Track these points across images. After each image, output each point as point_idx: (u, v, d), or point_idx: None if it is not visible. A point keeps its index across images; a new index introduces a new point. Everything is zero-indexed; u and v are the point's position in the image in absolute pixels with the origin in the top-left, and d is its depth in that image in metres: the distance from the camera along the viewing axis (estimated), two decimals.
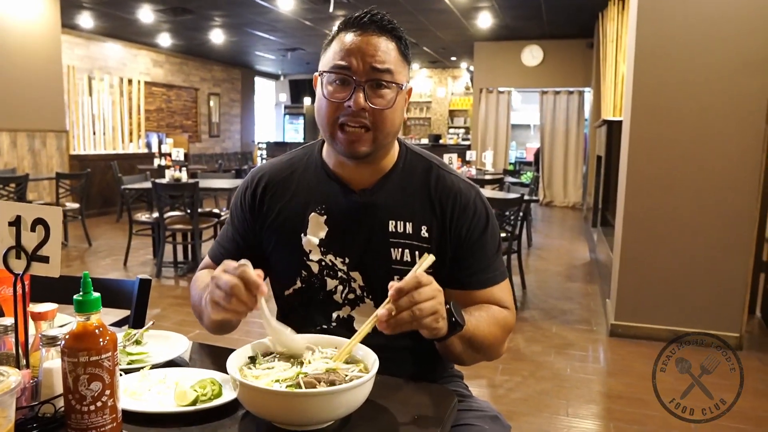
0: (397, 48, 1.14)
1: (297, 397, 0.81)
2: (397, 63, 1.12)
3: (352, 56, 1.09)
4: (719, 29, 3.25)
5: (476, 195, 1.21)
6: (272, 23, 8.70)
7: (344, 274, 1.18)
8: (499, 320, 1.15)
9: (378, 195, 1.18)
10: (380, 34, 1.12)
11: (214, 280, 0.96)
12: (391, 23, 1.15)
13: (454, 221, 1.17)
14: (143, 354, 1.10)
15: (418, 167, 1.23)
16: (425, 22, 8.47)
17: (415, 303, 0.92)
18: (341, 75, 1.10)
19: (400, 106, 1.15)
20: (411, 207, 1.18)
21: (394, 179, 1.20)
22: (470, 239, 1.18)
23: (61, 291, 1.20)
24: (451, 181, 1.21)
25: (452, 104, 14.52)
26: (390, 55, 1.11)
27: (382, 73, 1.10)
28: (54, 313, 0.93)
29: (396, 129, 1.15)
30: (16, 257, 0.89)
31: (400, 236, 1.17)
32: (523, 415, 2.61)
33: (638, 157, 3.49)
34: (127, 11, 7.92)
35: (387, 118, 1.11)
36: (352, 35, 1.12)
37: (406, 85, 1.16)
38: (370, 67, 1.09)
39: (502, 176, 6.84)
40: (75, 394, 0.78)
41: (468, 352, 1.09)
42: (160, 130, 11.18)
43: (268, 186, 1.24)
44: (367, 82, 1.09)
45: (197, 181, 4.97)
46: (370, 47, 1.10)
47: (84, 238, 6.30)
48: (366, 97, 1.09)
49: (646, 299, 3.54)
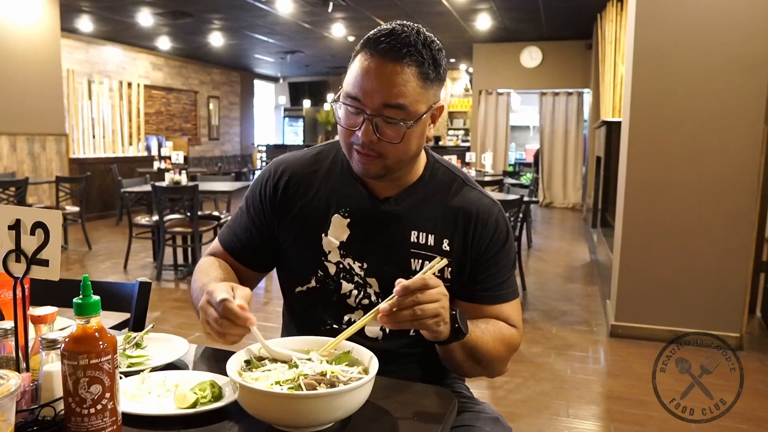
0: (419, 74, 1.05)
1: (297, 398, 0.82)
2: (415, 93, 1.05)
3: (365, 87, 1.04)
4: (717, 30, 3.26)
5: (498, 212, 1.20)
6: (271, 26, 8.71)
7: (360, 279, 1.17)
8: (505, 337, 1.15)
9: (402, 205, 1.18)
10: (397, 62, 1.03)
11: (203, 313, 0.97)
12: (412, 47, 1.04)
13: (476, 236, 1.17)
14: (143, 357, 1.10)
15: (444, 180, 1.21)
16: (424, 24, 8.44)
17: (418, 303, 0.93)
18: (352, 104, 1.07)
19: (417, 133, 1.09)
20: (434, 219, 1.17)
21: (418, 191, 1.19)
22: (488, 255, 1.17)
23: (61, 294, 1.21)
24: (475, 197, 1.20)
25: (451, 106, 14.54)
26: (407, 87, 1.04)
27: (393, 110, 1.04)
28: (54, 317, 0.93)
29: (412, 154, 1.12)
30: (16, 261, 0.89)
31: (421, 247, 1.16)
32: (523, 416, 2.61)
33: (637, 158, 3.49)
34: (127, 15, 7.94)
35: (397, 149, 1.08)
36: (368, 61, 1.05)
37: (432, 106, 1.10)
38: (382, 103, 1.04)
39: (502, 177, 6.84)
40: (75, 397, 0.78)
41: (469, 363, 1.09)
42: (160, 133, 11.19)
43: (291, 180, 1.22)
44: (376, 116, 1.05)
45: (197, 184, 4.97)
46: (383, 80, 1.03)
47: (84, 242, 6.30)
48: (375, 130, 1.05)
49: (646, 300, 3.54)
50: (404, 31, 1.05)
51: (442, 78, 1.10)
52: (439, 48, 1.09)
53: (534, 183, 6.68)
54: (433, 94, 1.10)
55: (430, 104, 1.09)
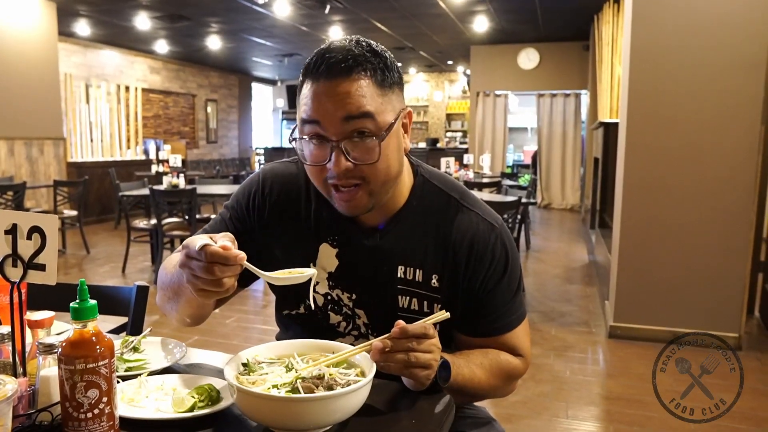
0: (373, 81, 0.97)
1: (295, 402, 0.82)
2: (376, 99, 0.96)
3: (320, 110, 0.96)
4: (714, 31, 3.27)
5: (496, 238, 1.09)
6: (269, 29, 8.71)
7: (349, 310, 1.12)
8: (504, 370, 1.10)
9: (387, 238, 1.09)
10: (347, 76, 0.95)
11: (187, 270, 0.88)
12: (357, 57, 0.96)
13: (470, 271, 1.08)
14: (141, 361, 1.10)
15: (435, 203, 1.11)
16: (421, 26, 8.50)
17: (412, 350, 0.90)
18: (314, 133, 0.98)
19: (392, 147, 1.00)
20: (423, 252, 1.09)
21: (405, 219, 1.10)
22: (485, 289, 1.09)
23: (58, 299, 1.21)
24: (470, 222, 1.09)
25: (449, 108, 14.55)
26: (365, 95, 0.95)
27: (360, 120, 0.95)
28: (51, 321, 0.93)
29: (395, 172, 1.03)
30: (13, 266, 0.89)
31: (408, 284, 1.09)
32: (522, 418, 2.61)
33: (635, 159, 3.50)
34: (124, 19, 7.94)
35: (379, 168, 0.98)
36: (317, 86, 0.96)
37: (400, 113, 1.01)
38: (344, 117, 0.95)
39: (500, 179, 6.84)
40: (72, 401, 0.78)
41: (458, 396, 1.03)
42: (158, 136, 11.18)
43: (281, 197, 1.14)
44: (343, 139, 0.96)
45: (195, 188, 4.97)
46: (338, 97, 0.94)
47: (82, 246, 6.29)
48: (347, 156, 0.96)
49: (644, 301, 3.54)
50: (343, 45, 0.98)
51: (399, 81, 1.02)
52: (386, 51, 1.01)
53: (532, 184, 6.69)
54: (397, 100, 1.01)
55: (397, 112, 1.01)
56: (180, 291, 1.03)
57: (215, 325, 3.76)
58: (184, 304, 1.06)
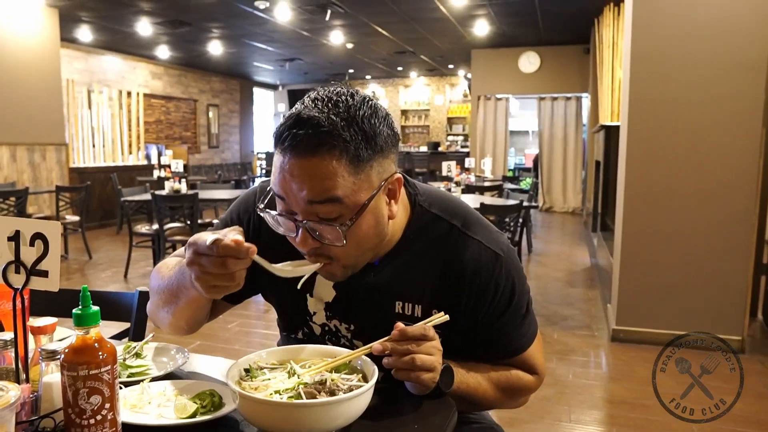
0: (346, 161, 0.86)
1: (297, 407, 0.82)
2: (347, 180, 0.87)
3: (284, 188, 0.89)
4: (714, 34, 3.27)
5: (500, 268, 1.03)
6: (270, 34, 8.74)
7: (347, 341, 1.10)
8: (513, 386, 1.08)
9: (382, 275, 1.04)
10: (313, 155, 0.86)
11: (196, 267, 0.85)
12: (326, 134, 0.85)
13: (470, 305, 1.03)
14: (143, 367, 1.10)
15: (434, 233, 1.04)
16: (422, 30, 8.52)
17: (412, 352, 0.89)
18: (282, 207, 0.93)
19: (366, 225, 0.92)
20: (421, 287, 1.03)
21: (402, 255, 1.04)
22: (489, 320, 1.04)
23: (60, 305, 1.21)
24: (471, 252, 1.02)
25: (450, 112, 14.58)
26: (335, 179, 0.86)
27: (324, 205, 0.88)
28: (53, 327, 0.94)
29: (372, 244, 0.97)
30: (16, 272, 0.90)
31: (408, 319, 1.03)
32: (525, 422, 2.60)
33: (636, 162, 3.49)
34: (126, 24, 7.97)
35: (347, 251, 0.93)
36: (282, 159, 0.88)
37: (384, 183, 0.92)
38: (307, 201, 0.88)
39: (501, 183, 6.85)
40: (75, 408, 0.78)
41: (462, 404, 1.01)
42: (160, 141, 11.20)
43: None
44: (309, 220, 0.90)
45: (197, 192, 4.98)
46: (303, 178, 0.86)
47: (84, 251, 6.30)
48: (312, 235, 0.91)
49: (647, 304, 3.54)
50: (313, 116, 0.86)
51: (382, 148, 0.91)
52: (371, 113, 0.89)
53: (534, 188, 6.68)
54: (377, 173, 0.91)
55: (377, 186, 0.91)
56: (180, 293, 1.01)
57: (217, 330, 3.76)
58: (183, 306, 1.03)
